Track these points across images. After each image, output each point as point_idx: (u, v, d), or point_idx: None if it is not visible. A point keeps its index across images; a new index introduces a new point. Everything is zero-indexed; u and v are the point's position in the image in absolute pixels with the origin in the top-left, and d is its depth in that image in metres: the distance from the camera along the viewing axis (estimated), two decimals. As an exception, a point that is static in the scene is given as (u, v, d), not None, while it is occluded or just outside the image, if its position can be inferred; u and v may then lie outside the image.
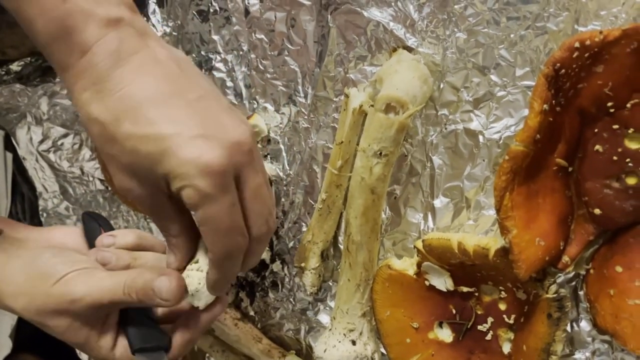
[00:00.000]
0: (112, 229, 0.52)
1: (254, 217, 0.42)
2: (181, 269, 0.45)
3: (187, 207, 0.40)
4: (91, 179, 0.79)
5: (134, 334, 0.46)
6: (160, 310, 0.50)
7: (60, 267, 0.45)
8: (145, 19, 0.68)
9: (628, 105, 0.42)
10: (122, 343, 0.47)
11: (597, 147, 0.44)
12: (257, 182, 0.41)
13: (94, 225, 0.51)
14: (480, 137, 0.51)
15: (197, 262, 0.45)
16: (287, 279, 0.65)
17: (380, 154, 0.50)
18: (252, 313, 0.68)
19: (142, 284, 0.44)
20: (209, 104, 0.41)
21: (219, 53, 0.64)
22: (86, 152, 0.79)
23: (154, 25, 0.68)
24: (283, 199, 0.63)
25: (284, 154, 0.63)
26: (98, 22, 0.39)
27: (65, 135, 0.79)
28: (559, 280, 0.49)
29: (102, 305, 0.44)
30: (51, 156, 0.80)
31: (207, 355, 0.72)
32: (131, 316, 0.47)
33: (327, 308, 0.63)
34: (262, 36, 0.61)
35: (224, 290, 0.46)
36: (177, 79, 0.40)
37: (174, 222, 0.43)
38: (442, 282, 0.52)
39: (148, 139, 0.38)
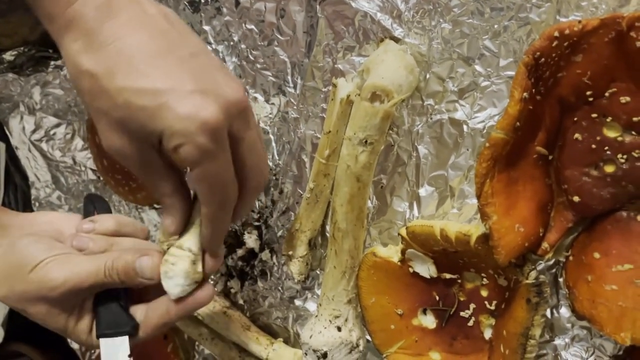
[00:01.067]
0: (109, 211, 0.52)
1: (250, 170, 0.43)
2: (179, 232, 0.45)
3: (182, 165, 0.40)
4: (83, 168, 0.80)
5: (99, 320, 0.46)
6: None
7: (38, 254, 0.45)
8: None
9: (606, 94, 0.43)
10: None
11: (577, 135, 0.45)
12: (252, 137, 0.42)
13: (89, 209, 0.51)
14: (465, 127, 0.52)
15: (184, 243, 0.45)
16: (275, 268, 0.66)
17: (366, 142, 0.51)
18: (241, 301, 0.69)
19: (123, 264, 0.45)
20: (202, 61, 0.41)
21: (210, 44, 0.65)
22: (78, 142, 0.79)
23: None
24: (272, 189, 0.64)
25: (273, 144, 0.64)
26: None
27: (57, 125, 0.80)
28: (539, 268, 0.49)
29: (82, 290, 0.45)
30: (43, 146, 0.81)
31: (197, 343, 0.73)
32: (100, 301, 0.47)
33: (315, 296, 0.64)
34: (253, 27, 0.61)
35: (220, 248, 0.46)
36: (168, 34, 0.40)
37: (166, 180, 0.43)
38: (426, 269, 0.53)
39: (143, 92, 0.38)
